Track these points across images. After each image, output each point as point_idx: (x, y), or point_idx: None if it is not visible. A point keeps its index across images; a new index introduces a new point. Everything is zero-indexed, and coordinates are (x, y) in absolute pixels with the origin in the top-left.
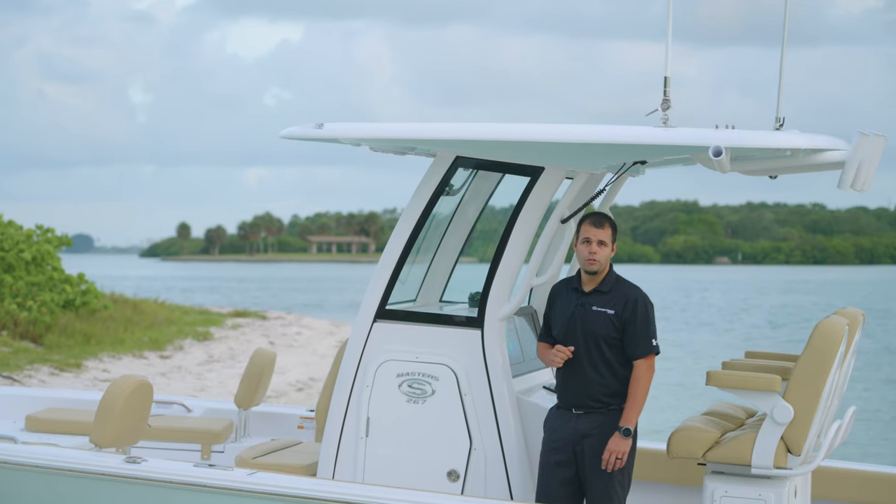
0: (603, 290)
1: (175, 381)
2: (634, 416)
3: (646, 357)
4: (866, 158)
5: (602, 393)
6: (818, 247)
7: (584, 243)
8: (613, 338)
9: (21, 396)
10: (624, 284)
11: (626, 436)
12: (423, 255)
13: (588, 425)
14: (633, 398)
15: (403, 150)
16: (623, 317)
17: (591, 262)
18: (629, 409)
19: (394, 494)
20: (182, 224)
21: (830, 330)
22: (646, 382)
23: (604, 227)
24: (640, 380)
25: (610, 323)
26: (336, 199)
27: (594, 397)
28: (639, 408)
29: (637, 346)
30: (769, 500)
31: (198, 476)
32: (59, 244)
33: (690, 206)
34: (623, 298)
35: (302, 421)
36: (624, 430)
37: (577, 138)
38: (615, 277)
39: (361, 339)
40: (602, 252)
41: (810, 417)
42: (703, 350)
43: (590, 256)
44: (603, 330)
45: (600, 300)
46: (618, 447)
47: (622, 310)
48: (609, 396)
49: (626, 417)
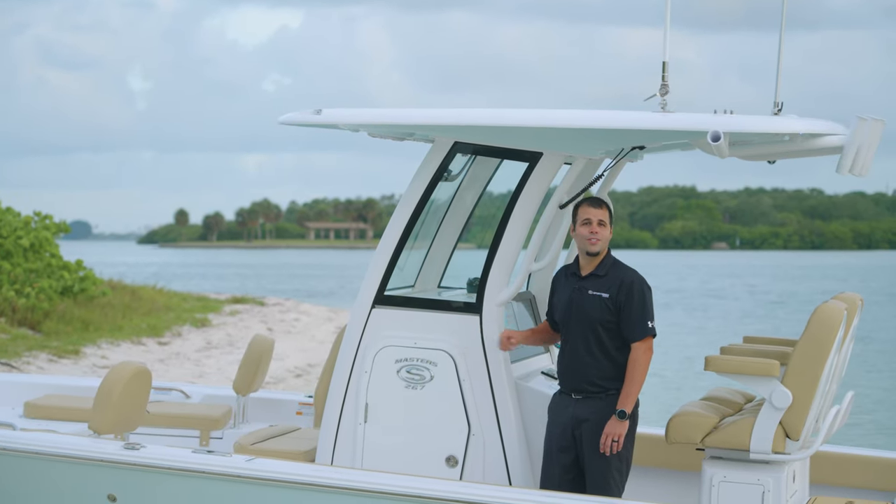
0: (599, 274)
1: (173, 368)
2: (631, 399)
3: (642, 340)
4: (865, 143)
5: (599, 377)
6: (816, 232)
7: (585, 224)
8: (609, 321)
9: (19, 383)
10: (620, 268)
11: (622, 418)
12: (421, 240)
13: (586, 410)
14: (629, 381)
15: (402, 135)
16: (618, 300)
17: (592, 242)
18: (626, 392)
19: (392, 480)
20: (180, 211)
21: (829, 315)
22: (643, 365)
23: (602, 208)
24: (636, 363)
25: (605, 306)
26: (334, 185)
27: (592, 382)
28: (636, 391)
29: (633, 329)
30: (767, 485)
31: (196, 462)
32: (57, 231)
33: (688, 191)
34: (618, 282)
35: (300, 407)
36: (619, 413)
37: (575, 124)
38: (612, 261)
39: (360, 325)
40: (602, 232)
41: (809, 402)
42: (702, 335)
43: (591, 236)
44: (598, 314)
45: (596, 284)
46: (614, 430)
47: (616, 293)
48: (606, 380)
49: (622, 400)
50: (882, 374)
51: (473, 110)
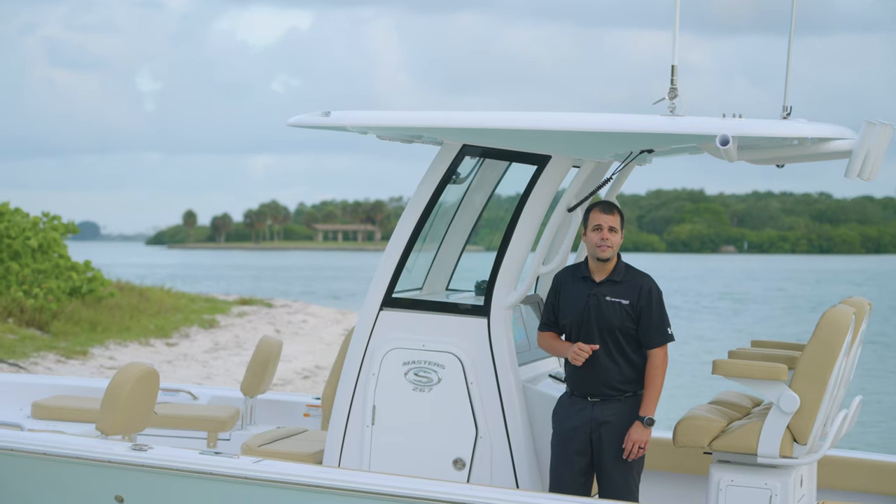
0: (615, 280)
1: (181, 369)
2: (654, 404)
3: (661, 346)
4: (873, 147)
5: (618, 381)
6: (824, 236)
7: (596, 230)
8: (629, 328)
9: (27, 384)
10: (635, 273)
11: (648, 425)
12: (429, 243)
13: (605, 413)
14: (651, 387)
15: (410, 138)
16: (638, 307)
17: (603, 248)
18: (648, 398)
19: (399, 482)
20: (188, 212)
21: (837, 319)
22: (663, 371)
23: (613, 214)
24: (657, 368)
25: (626, 314)
26: (342, 187)
27: (611, 385)
28: (657, 396)
29: (653, 336)
30: (775, 490)
31: (204, 464)
32: (65, 231)
33: (696, 194)
34: (637, 288)
35: (308, 409)
36: (647, 420)
37: (584, 127)
38: (625, 266)
39: (368, 328)
40: (614, 238)
41: (816, 406)
42: (709, 339)
43: (602, 243)
44: (619, 321)
45: (613, 290)
46: (640, 437)
47: (637, 300)
48: (624, 384)
49: (646, 406)
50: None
51: (482, 113)
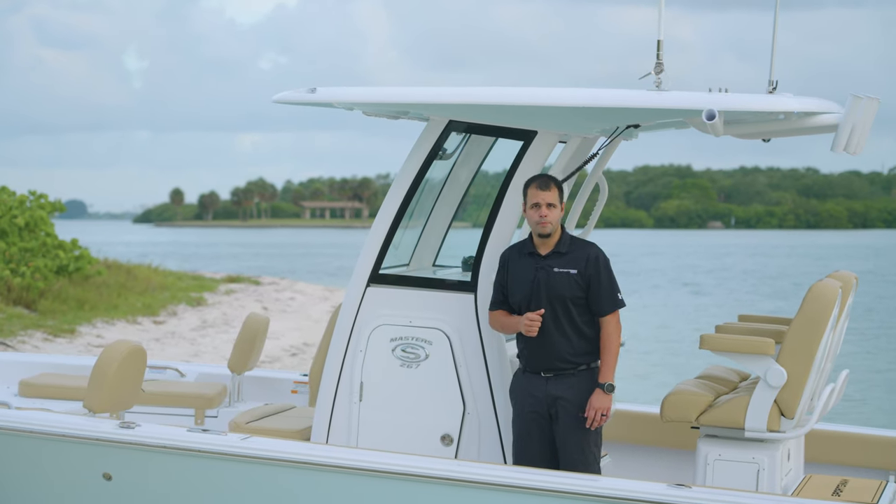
0: (561, 251)
1: (169, 347)
2: (612, 371)
3: (613, 312)
4: (859, 121)
5: (570, 353)
6: (811, 211)
7: (534, 207)
8: (579, 297)
9: (14, 362)
10: (581, 243)
11: (609, 391)
12: (416, 219)
13: (560, 387)
14: (607, 354)
15: (396, 114)
16: (587, 275)
17: (543, 224)
18: (606, 365)
19: (387, 459)
20: (175, 190)
21: (823, 293)
22: (617, 337)
23: (550, 189)
24: (611, 335)
25: (574, 283)
26: (329, 164)
27: (563, 359)
28: (615, 362)
29: (605, 303)
30: (762, 464)
31: (192, 441)
32: (52, 210)
33: (684, 170)
34: (584, 257)
35: (295, 385)
36: (608, 387)
37: (569, 102)
38: (570, 237)
39: (355, 304)
40: (552, 214)
41: (804, 381)
42: (697, 314)
43: (541, 220)
44: (568, 291)
45: (560, 261)
46: (602, 403)
47: (585, 268)
48: (577, 356)
49: (604, 374)
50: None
51: (468, 88)
